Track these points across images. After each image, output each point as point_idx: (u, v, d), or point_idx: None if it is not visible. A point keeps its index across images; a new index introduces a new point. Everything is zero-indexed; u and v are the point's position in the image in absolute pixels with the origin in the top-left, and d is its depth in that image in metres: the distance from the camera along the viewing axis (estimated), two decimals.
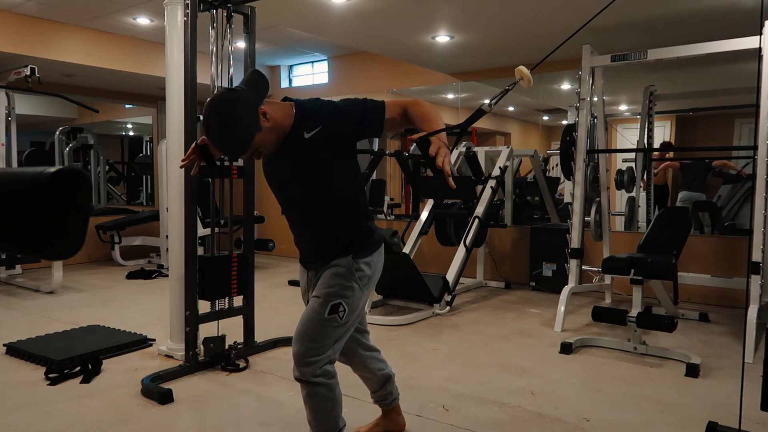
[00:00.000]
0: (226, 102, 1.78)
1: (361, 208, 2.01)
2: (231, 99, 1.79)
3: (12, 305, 4.94)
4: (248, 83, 1.87)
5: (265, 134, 1.83)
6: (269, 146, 1.88)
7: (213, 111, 1.78)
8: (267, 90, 1.91)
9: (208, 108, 1.79)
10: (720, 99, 6.29)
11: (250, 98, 1.81)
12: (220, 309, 3.36)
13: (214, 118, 1.77)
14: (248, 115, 1.78)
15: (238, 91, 1.81)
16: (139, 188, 9.25)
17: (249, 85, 1.86)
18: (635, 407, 2.80)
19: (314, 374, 1.92)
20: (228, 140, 1.79)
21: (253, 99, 1.82)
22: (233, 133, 1.77)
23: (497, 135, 8.05)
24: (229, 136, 1.78)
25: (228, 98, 1.79)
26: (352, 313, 1.97)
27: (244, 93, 1.81)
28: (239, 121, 1.77)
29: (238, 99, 1.79)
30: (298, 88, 7.90)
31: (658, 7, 4.30)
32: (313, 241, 2.05)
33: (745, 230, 5.33)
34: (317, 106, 1.91)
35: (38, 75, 5.45)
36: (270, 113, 1.84)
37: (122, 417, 2.67)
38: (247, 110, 1.78)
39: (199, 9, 3.19)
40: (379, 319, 4.31)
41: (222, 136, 1.79)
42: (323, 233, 2.00)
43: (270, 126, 1.84)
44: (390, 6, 4.39)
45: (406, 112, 1.88)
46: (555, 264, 5.47)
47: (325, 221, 1.99)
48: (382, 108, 1.88)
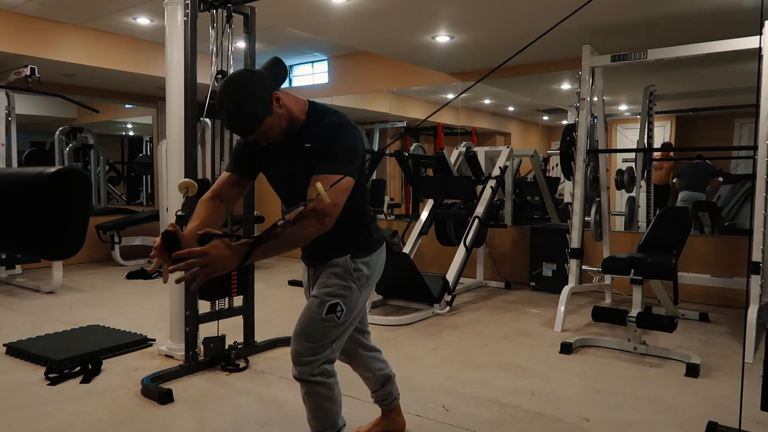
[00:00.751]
0: (242, 81, 1.79)
1: (361, 210, 2.01)
2: (247, 79, 1.79)
3: (12, 305, 4.94)
4: (268, 69, 1.88)
5: (275, 119, 1.82)
6: (277, 133, 1.86)
7: (227, 88, 1.78)
8: (285, 78, 1.91)
9: (223, 85, 1.79)
10: (720, 99, 6.30)
11: (266, 82, 1.81)
12: (220, 309, 3.36)
13: (227, 94, 1.77)
14: (262, 97, 1.78)
15: (255, 73, 1.82)
16: (139, 188, 9.25)
17: (268, 71, 1.87)
18: (635, 407, 2.80)
19: (312, 373, 1.92)
20: (238, 118, 1.79)
21: (269, 83, 1.82)
22: (244, 111, 1.77)
23: (497, 135, 8.05)
24: (240, 113, 1.77)
25: (245, 78, 1.80)
26: (350, 313, 1.97)
27: (261, 75, 1.82)
28: (252, 101, 1.77)
29: (254, 80, 1.79)
30: (298, 88, 7.90)
31: (658, 7, 4.30)
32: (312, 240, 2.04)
33: (745, 230, 5.34)
34: (323, 120, 1.88)
35: (38, 75, 5.45)
36: (284, 101, 1.84)
37: (122, 417, 2.67)
38: (262, 92, 1.78)
39: (199, 9, 3.19)
40: (379, 319, 4.31)
41: (233, 113, 1.78)
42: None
43: (282, 113, 1.84)
44: (390, 6, 4.39)
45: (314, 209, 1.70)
46: (555, 264, 5.47)
47: None
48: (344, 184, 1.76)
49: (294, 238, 1.71)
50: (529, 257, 5.78)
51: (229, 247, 1.64)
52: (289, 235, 1.69)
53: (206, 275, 1.61)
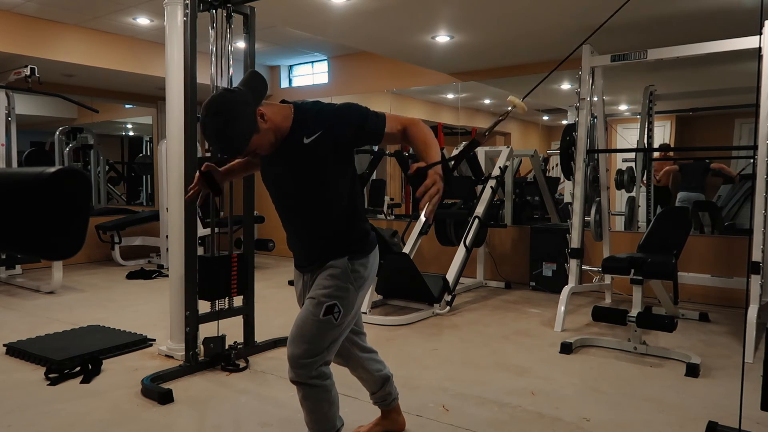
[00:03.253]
0: (224, 102, 1.79)
1: (357, 211, 2.01)
2: (229, 99, 1.79)
3: (12, 305, 4.94)
4: (246, 84, 1.88)
5: (262, 135, 1.83)
6: (266, 147, 1.88)
7: (211, 111, 1.78)
8: (265, 91, 1.91)
9: (206, 108, 1.80)
10: (720, 99, 6.29)
11: (248, 99, 1.81)
12: (220, 309, 3.36)
13: (211, 118, 1.78)
14: (246, 116, 1.79)
15: (236, 92, 1.82)
16: (139, 188, 9.25)
17: (247, 86, 1.86)
18: (635, 407, 2.80)
19: (310, 376, 1.92)
20: (225, 140, 1.80)
21: (251, 100, 1.82)
22: (230, 133, 1.78)
23: (497, 135, 8.05)
24: (226, 136, 1.78)
25: (226, 98, 1.80)
26: (348, 314, 1.97)
27: (242, 94, 1.82)
28: (237, 122, 1.77)
29: (236, 99, 1.79)
30: (298, 88, 7.90)
31: (659, 7, 4.30)
32: (308, 243, 2.04)
33: (745, 230, 5.33)
34: (316, 110, 1.91)
35: (38, 75, 5.45)
36: (268, 115, 1.85)
37: (122, 417, 2.67)
38: (245, 111, 1.79)
39: (198, 9, 3.19)
40: (379, 319, 4.30)
41: (219, 135, 1.79)
42: (319, 235, 2.00)
43: (267, 127, 1.84)
44: (390, 6, 4.39)
45: (405, 131, 1.89)
46: (555, 264, 5.47)
47: (321, 224, 1.98)
48: (383, 119, 1.89)
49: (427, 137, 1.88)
50: (529, 257, 5.78)
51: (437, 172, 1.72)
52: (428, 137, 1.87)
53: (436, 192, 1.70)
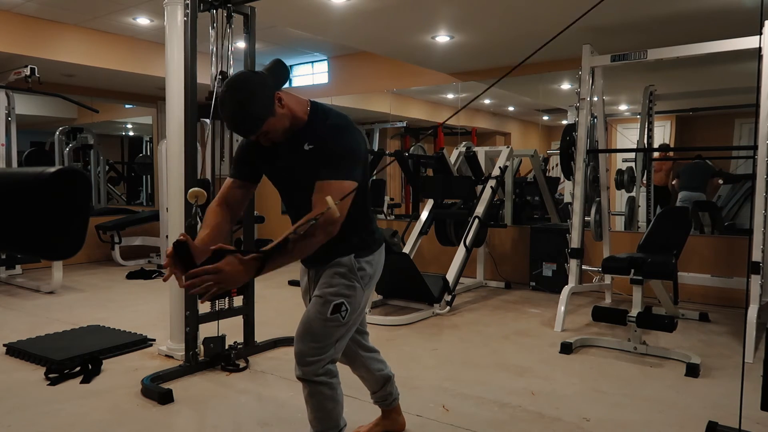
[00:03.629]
0: (245, 80, 1.81)
1: (363, 209, 2.01)
2: (250, 79, 1.82)
3: (12, 305, 4.94)
4: (269, 70, 1.90)
5: (277, 120, 1.83)
6: (279, 133, 1.87)
7: (230, 88, 1.80)
8: (287, 79, 1.93)
9: (225, 85, 1.81)
10: (720, 99, 6.30)
11: (268, 82, 1.83)
12: (220, 309, 3.36)
13: (230, 94, 1.79)
14: (264, 97, 1.79)
15: (257, 74, 1.84)
16: (139, 188, 9.25)
17: (270, 72, 1.89)
18: (635, 407, 2.80)
19: (316, 373, 1.93)
20: (240, 118, 1.80)
21: (271, 83, 1.84)
22: (247, 111, 1.78)
23: (497, 135, 8.05)
24: (242, 114, 1.79)
25: (247, 77, 1.82)
26: (354, 312, 1.97)
27: (264, 76, 1.84)
28: (254, 101, 1.78)
29: (256, 80, 1.81)
30: (298, 88, 7.90)
31: (659, 7, 4.30)
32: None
33: (745, 230, 5.34)
34: (325, 122, 1.88)
35: (38, 75, 5.44)
36: (286, 101, 1.86)
37: (122, 417, 2.67)
38: (264, 92, 1.80)
39: (199, 9, 3.19)
40: (379, 319, 4.30)
41: (236, 113, 1.80)
42: None
43: (284, 113, 1.85)
44: (390, 6, 4.39)
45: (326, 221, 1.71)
46: (555, 264, 5.47)
47: None
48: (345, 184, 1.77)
49: (303, 249, 1.75)
50: (529, 257, 5.77)
51: (242, 263, 1.66)
52: (298, 247, 1.72)
53: (219, 290, 1.65)
